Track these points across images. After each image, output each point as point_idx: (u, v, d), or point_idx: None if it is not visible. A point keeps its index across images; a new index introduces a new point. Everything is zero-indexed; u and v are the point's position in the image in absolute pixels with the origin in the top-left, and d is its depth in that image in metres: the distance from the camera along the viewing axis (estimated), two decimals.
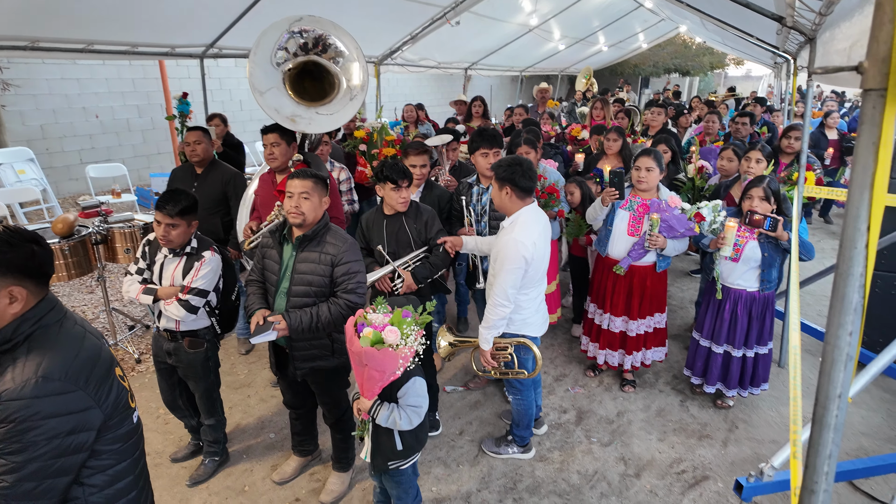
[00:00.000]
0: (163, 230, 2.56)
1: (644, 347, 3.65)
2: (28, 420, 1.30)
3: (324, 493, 2.85)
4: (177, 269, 2.67)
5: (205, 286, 2.66)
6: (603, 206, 3.48)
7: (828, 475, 0.90)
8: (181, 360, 2.79)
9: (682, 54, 20.60)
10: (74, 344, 1.44)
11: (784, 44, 4.51)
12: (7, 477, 1.32)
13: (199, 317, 2.73)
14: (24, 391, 1.31)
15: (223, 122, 5.23)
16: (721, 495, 2.89)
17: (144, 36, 4.88)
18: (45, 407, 1.33)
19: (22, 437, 1.30)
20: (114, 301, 5.11)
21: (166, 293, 2.66)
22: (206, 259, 2.67)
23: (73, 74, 8.67)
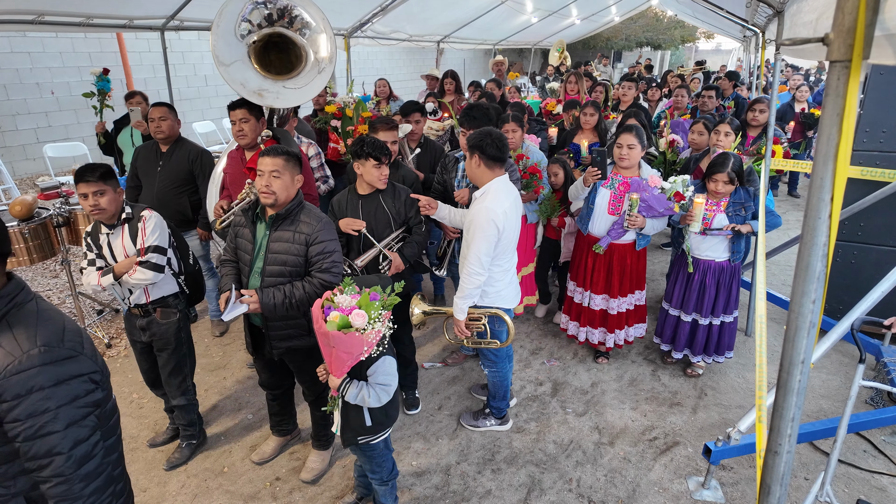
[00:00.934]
0: (91, 201, 2.49)
1: (627, 325, 3.70)
2: (39, 390, 1.28)
3: (304, 472, 2.87)
4: (124, 239, 2.62)
5: (159, 241, 2.63)
6: (585, 185, 3.48)
7: (791, 437, 0.94)
8: (154, 333, 2.77)
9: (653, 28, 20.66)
10: (58, 317, 1.41)
11: (753, 17, 4.55)
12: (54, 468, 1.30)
13: (166, 281, 2.72)
14: (27, 363, 1.27)
15: (145, 101, 4.82)
16: (691, 459, 3.01)
17: (100, 7, 4.63)
18: (56, 373, 1.31)
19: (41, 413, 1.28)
20: (80, 285, 4.96)
21: (124, 266, 2.61)
22: (146, 217, 2.64)
23: (22, 48, 8.21)
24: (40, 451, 1.29)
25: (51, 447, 1.30)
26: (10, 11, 4.17)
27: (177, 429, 3.13)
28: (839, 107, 0.74)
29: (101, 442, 1.41)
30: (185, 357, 2.88)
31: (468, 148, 2.74)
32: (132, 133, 4.77)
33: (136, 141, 4.76)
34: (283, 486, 2.84)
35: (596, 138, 4.59)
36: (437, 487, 2.83)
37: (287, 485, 2.84)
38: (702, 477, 2.87)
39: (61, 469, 1.32)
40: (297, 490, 2.81)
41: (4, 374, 1.25)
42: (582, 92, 6.25)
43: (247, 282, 2.55)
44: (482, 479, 2.88)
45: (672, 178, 3.36)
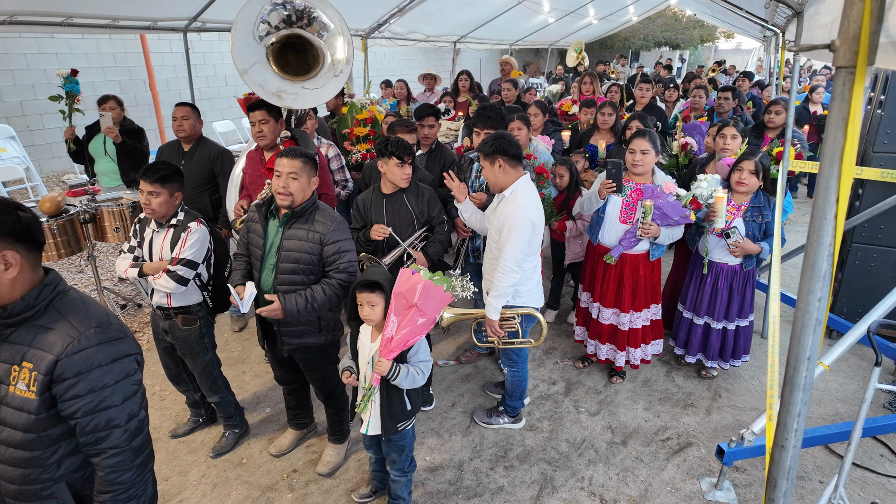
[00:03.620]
0: (144, 198, 2.58)
1: (643, 343, 3.52)
2: (98, 367, 1.38)
3: (320, 465, 2.93)
4: (165, 242, 2.69)
5: (193, 257, 2.67)
6: (599, 198, 3.31)
7: (797, 432, 0.97)
8: (176, 338, 2.82)
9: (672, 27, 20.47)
10: (98, 304, 1.51)
11: (773, 17, 4.52)
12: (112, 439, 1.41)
13: (191, 291, 2.75)
14: (86, 342, 1.37)
15: (119, 106, 4.60)
16: (703, 460, 3.01)
17: (125, 9, 4.76)
18: (112, 351, 1.41)
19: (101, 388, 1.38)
20: (104, 280, 5.10)
21: (152, 268, 2.68)
22: (192, 230, 2.67)
23: (50, 49, 8.44)
24: (100, 424, 1.39)
25: (109, 419, 1.40)
26: (40, 13, 4.31)
27: (197, 420, 3.22)
28: (844, 111, 0.76)
29: (146, 418, 1.52)
30: (211, 361, 2.94)
31: (487, 155, 2.74)
32: (105, 140, 4.53)
33: (108, 148, 4.54)
34: (299, 478, 2.90)
35: (613, 139, 4.58)
36: (450, 483, 2.87)
37: (304, 477, 2.91)
38: (714, 478, 2.87)
39: (118, 441, 1.42)
40: (314, 482, 2.87)
41: (66, 354, 1.35)
42: (597, 92, 6.25)
43: (258, 277, 2.60)
44: (495, 475, 2.92)
45: (701, 176, 3.26)
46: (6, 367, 1.38)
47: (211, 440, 3.16)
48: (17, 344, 1.38)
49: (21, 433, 1.38)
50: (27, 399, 1.36)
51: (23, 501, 1.45)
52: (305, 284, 2.53)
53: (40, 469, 1.42)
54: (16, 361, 1.37)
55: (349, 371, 2.40)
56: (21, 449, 1.40)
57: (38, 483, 1.43)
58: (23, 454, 1.40)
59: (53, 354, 1.35)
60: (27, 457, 1.40)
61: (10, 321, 1.36)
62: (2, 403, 1.39)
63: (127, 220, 4.02)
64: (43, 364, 1.35)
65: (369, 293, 2.27)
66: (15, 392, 1.37)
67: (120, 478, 1.44)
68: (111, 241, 4.09)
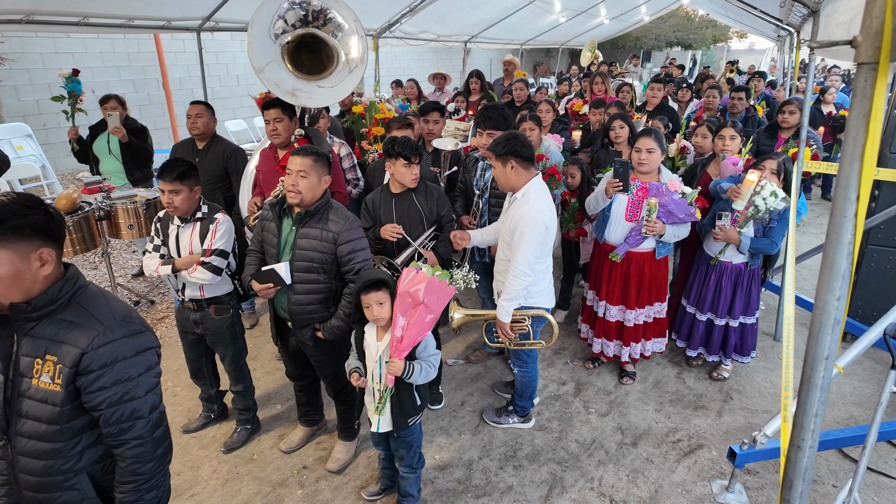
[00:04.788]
0: (166, 197, 2.63)
1: (643, 338, 3.54)
2: (123, 360, 1.41)
3: (330, 462, 2.95)
4: (193, 235, 2.74)
5: (224, 246, 2.74)
6: (606, 197, 3.32)
7: (814, 432, 0.96)
8: (209, 328, 2.88)
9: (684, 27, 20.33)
10: (118, 298, 1.54)
11: (787, 16, 4.48)
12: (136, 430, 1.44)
13: (222, 281, 2.82)
14: (111, 335, 1.41)
15: (121, 105, 4.59)
16: (715, 462, 2.99)
17: (140, 9, 4.81)
18: (135, 344, 1.45)
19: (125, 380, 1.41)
20: (118, 276, 5.16)
21: (185, 262, 2.73)
22: (219, 220, 2.75)
23: (66, 48, 8.55)
24: (124, 415, 1.42)
25: (133, 410, 1.44)
26: (57, 13, 4.37)
27: (209, 416, 3.25)
28: (866, 108, 0.76)
29: (165, 410, 1.55)
30: (241, 348, 3.02)
31: (499, 156, 2.73)
32: (109, 139, 4.57)
33: (112, 148, 4.57)
34: (309, 474, 2.92)
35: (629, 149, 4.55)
36: (459, 481, 2.87)
37: (314, 473, 2.92)
38: (726, 480, 2.85)
39: (141, 432, 1.45)
40: (324, 479, 2.89)
41: (92, 347, 1.37)
42: (609, 91, 6.22)
43: None
44: (504, 474, 2.92)
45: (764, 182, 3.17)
46: (28, 361, 1.40)
47: (222, 436, 3.19)
48: (39, 338, 1.40)
49: (45, 425, 1.41)
50: (52, 391, 1.38)
51: (44, 493, 1.47)
52: (320, 283, 2.55)
53: (62, 460, 1.44)
54: (38, 355, 1.39)
55: (358, 373, 2.41)
56: (44, 441, 1.42)
57: (59, 474, 1.45)
58: (46, 446, 1.43)
59: (79, 347, 1.37)
60: (50, 448, 1.43)
61: (33, 315, 1.39)
62: (24, 396, 1.41)
63: (141, 217, 4.07)
64: (68, 357, 1.37)
65: (376, 292, 2.28)
66: (39, 385, 1.39)
67: (142, 468, 1.47)
68: (125, 237, 4.14)
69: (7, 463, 1.50)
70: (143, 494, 1.49)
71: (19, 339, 1.42)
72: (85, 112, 4.89)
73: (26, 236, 1.33)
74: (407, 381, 2.28)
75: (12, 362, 1.42)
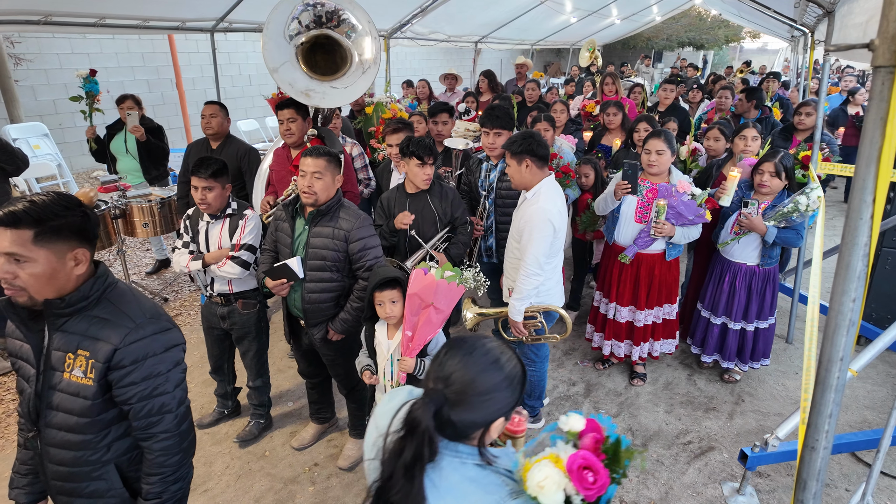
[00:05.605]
0: (200, 194, 2.68)
1: (652, 338, 3.52)
2: (153, 356, 1.45)
3: (341, 459, 2.97)
4: (223, 231, 2.81)
5: (253, 241, 2.80)
6: (615, 199, 3.33)
7: (828, 434, 0.96)
8: (235, 322, 2.94)
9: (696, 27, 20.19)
10: (145, 296, 1.58)
11: (802, 17, 4.45)
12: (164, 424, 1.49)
13: (251, 276, 2.88)
14: (142, 332, 1.45)
15: (137, 105, 4.64)
16: (726, 465, 2.98)
17: (155, 10, 4.87)
18: (164, 340, 1.50)
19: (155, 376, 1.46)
20: (132, 274, 5.23)
21: (214, 257, 2.79)
22: (248, 216, 2.82)
23: (82, 49, 8.67)
24: (154, 409, 1.47)
25: (163, 405, 1.48)
26: (76, 14, 4.44)
27: (223, 412, 3.30)
28: (883, 111, 0.76)
29: (190, 405, 1.60)
30: (265, 343, 3.08)
31: (514, 154, 2.74)
32: (126, 138, 4.63)
33: (129, 147, 4.63)
34: (321, 471, 2.95)
35: (624, 136, 4.57)
36: None
37: (325, 470, 2.95)
38: (737, 483, 2.84)
39: (169, 425, 1.50)
40: (335, 476, 2.91)
41: (124, 343, 1.42)
42: (620, 92, 6.20)
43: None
44: None
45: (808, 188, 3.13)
46: (60, 356, 1.44)
47: (235, 432, 3.22)
48: (71, 333, 1.44)
49: (76, 417, 1.45)
50: (84, 385, 1.43)
51: (73, 482, 1.51)
52: (334, 281, 2.58)
53: (91, 451, 1.49)
54: (70, 350, 1.43)
55: (370, 370, 2.43)
56: (74, 432, 1.46)
57: (88, 465, 1.50)
58: (76, 437, 1.47)
59: (112, 343, 1.42)
60: (80, 440, 1.47)
61: (66, 311, 1.43)
62: (55, 389, 1.45)
63: (156, 215, 4.12)
64: (101, 352, 1.41)
65: (389, 290, 2.31)
66: (70, 379, 1.43)
67: (168, 460, 1.52)
68: (140, 236, 4.20)
69: (35, 454, 1.54)
70: (169, 486, 1.53)
71: (51, 334, 1.45)
72: (101, 112, 4.99)
73: (63, 237, 1.37)
74: (419, 377, 2.30)
75: (43, 356, 1.46)
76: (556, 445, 1.10)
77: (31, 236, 1.32)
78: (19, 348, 1.52)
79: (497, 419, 1.11)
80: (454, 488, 1.05)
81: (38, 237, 1.33)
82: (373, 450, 1.17)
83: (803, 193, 3.11)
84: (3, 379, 3.71)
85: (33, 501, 1.67)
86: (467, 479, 1.06)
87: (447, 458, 1.08)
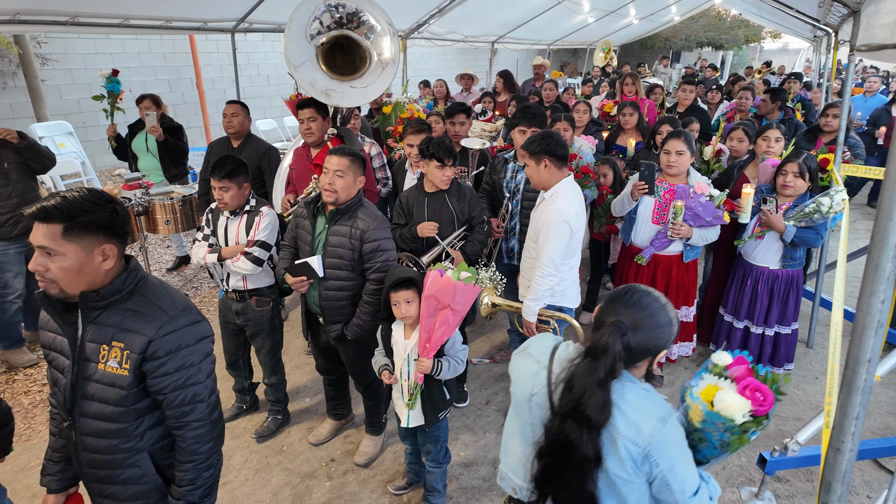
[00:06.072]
0: (217, 193, 2.75)
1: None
2: (186, 347, 1.50)
3: (358, 455, 3.00)
4: (240, 227, 2.86)
5: (267, 238, 2.84)
6: (632, 200, 3.31)
7: (854, 436, 0.96)
8: (249, 319, 2.98)
9: (715, 27, 19.92)
10: (176, 289, 1.63)
11: (826, 16, 4.38)
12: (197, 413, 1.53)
13: (264, 274, 2.91)
14: (175, 324, 1.49)
15: (155, 104, 4.66)
16: (744, 469, 2.95)
17: (178, 10, 4.95)
18: (196, 332, 1.54)
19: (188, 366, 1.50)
20: (153, 270, 5.32)
21: (230, 252, 2.84)
22: (263, 213, 2.85)
23: (106, 49, 8.83)
24: (187, 399, 1.51)
25: (196, 394, 1.53)
26: (102, 15, 4.53)
27: (241, 407, 3.35)
28: None
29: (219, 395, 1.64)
30: (278, 341, 3.11)
31: (533, 154, 2.74)
32: (146, 137, 4.69)
33: (150, 146, 4.70)
34: (337, 467, 2.98)
35: (640, 137, 4.54)
36: (484, 479, 2.89)
37: (341, 466, 2.98)
38: (755, 487, 2.81)
39: (202, 414, 1.54)
40: (351, 472, 2.94)
41: (159, 335, 1.46)
42: (639, 93, 6.16)
43: None
44: None
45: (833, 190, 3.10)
46: (94, 347, 1.49)
47: (253, 426, 3.27)
48: (104, 325, 1.48)
49: (111, 406, 1.49)
50: (119, 375, 1.47)
51: (107, 470, 1.56)
52: (350, 279, 2.61)
53: (125, 439, 1.53)
54: (105, 341, 1.47)
55: (388, 370, 2.45)
56: (110, 421, 1.51)
57: (122, 453, 1.54)
58: (111, 426, 1.51)
59: (147, 335, 1.46)
60: (114, 428, 1.51)
61: (100, 303, 1.47)
62: (90, 380, 1.50)
63: (178, 213, 4.19)
64: (136, 344, 1.46)
65: (405, 290, 2.32)
66: (105, 369, 1.48)
67: (201, 448, 1.56)
68: (161, 232, 4.27)
69: (69, 443, 1.59)
70: (202, 472, 1.58)
71: (85, 326, 1.49)
72: (123, 111, 5.09)
73: (91, 232, 1.41)
74: (436, 378, 2.32)
75: (77, 348, 1.50)
76: (703, 378, 1.39)
77: (61, 231, 1.36)
78: (52, 340, 1.56)
79: (662, 349, 1.40)
80: (631, 402, 1.32)
81: (67, 231, 1.37)
82: (534, 379, 1.47)
83: (826, 195, 3.07)
84: (30, 371, 3.80)
85: (64, 488, 1.71)
86: (640, 396, 1.34)
87: (622, 380, 1.35)
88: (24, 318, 3.93)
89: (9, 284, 3.63)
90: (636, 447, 1.28)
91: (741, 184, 3.70)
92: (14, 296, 3.66)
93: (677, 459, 1.30)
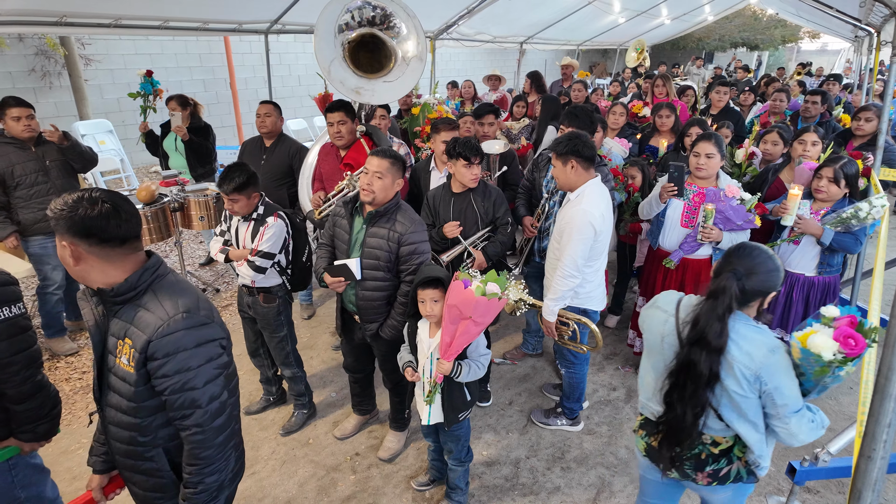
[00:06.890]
0: (227, 203, 2.82)
1: None
2: (184, 350, 1.48)
3: (381, 450, 3.05)
4: (247, 232, 2.93)
5: (269, 249, 2.88)
6: (661, 202, 3.29)
7: (886, 443, 0.95)
8: (257, 313, 3.06)
9: (751, 27, 19.44)
10: (192, 288, 1.63)
11: (867, 16, 4.25)
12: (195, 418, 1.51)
13: (271, 275, 2.98)
14: (174, 326, 1.47)
15: (180, 106, 4.69)
16: (772, 478, 2.89)
17: (214, 12, 5.09)
18: (197, 336, 1.51)
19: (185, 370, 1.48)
20: (187, 265, 5.48)
21: (236, 255, 2.93)
22: (268, 224, 2.88)
23: (145, 50, 9.13)
24: (185, 403, 1.50)
25: (193, 400, 1.50)
26: (143, 18, 4.69)
27: (269, 399, 3.44)
28: None
29: (229, 399, 1.61)
30: (286, 336, 3.15)
31: (560, 155, 2.74)
32: (175, 137, 4.79)
33: (178, 145, 4.80)
34: (361, 461, 3.03)
35: (673, 139, 4.48)
36: (506, 478, 2.91)
37: (365, 460, 3.03)
38: (783, 497, 2.75)
39: (200, 420, 1.52)
40: (375, 466, 2.99)
41: (157, 336, 1.46)
42: (671, 94, 6.07)
43: None
44: (551, 475, 2.93)
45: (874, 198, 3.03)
46: (114, 341, 1.53)
47: (281, 419, 3.35)
48: (122, 320, 1.51)
49: (126, 401, 1.53)
50: (128, 372, 1.50)
51: (130, 459, 1.62)
52: (386, 280, 2.65)
53: (140, 434, 1.56)
54: (121, 336, 1.50)
55: (411, 367, 2.48)
56: (126, 414, 1.55)
57: (141, 446, 1.58)
58: (128, 419, 1.55)
59: (147, 335, 1.46)
60: (131, 422, 1.55)
61: (117, 299, 1.50)
62: (111, 372, 1.55)
63: (211, 209, 4.32)
64: (139, 342, 1.46)
65: (433, 289, 2.35)
66: (119, 364, 1.51)
67: (202, 454, 1.55)
68: (196, 228, 4.40)
69: (103, 429, 1.66)
70: (205, 478, 1.57)
71: (109, 319, 1.54)
72: (155, 109, 5.36)
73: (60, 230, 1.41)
74: (456, 380, 2.34)
75: (102, 340, 1.56)
76: (812, 326, 1.64)
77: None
78: (90, 329, 1.62)
79: (771, 291, 1.72)
80: (744, 335, 1.67)
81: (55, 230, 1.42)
82: (664, 325, 1.84)
83: (866, 200, 2.98)
84: (71, 359, 3.97)
85: (107, 469, 1.79)
86: (752, 331, 1.68)
87: (737, 318, 1.69)
88: (65, 308, 4.11)
89: (48, 276, 3.80)
90: (749, 370, 1.63)
91: (775, 188, 3.62)
92: (53, 287, 3.83)
93: (783, 382, 1.63)
